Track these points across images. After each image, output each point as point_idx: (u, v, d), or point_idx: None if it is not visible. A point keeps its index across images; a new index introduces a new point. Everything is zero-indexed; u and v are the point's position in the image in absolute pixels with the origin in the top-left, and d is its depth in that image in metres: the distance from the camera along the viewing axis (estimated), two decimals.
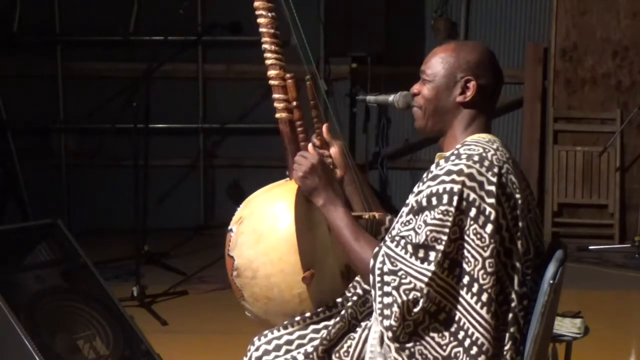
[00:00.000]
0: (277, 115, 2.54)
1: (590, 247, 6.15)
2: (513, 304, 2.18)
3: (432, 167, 2.25)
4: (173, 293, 5.08)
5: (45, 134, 6.94)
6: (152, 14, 6.50)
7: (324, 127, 2.59)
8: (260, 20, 2.54)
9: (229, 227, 2.50)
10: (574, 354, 2.79)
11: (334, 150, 2.58)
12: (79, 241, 3.51)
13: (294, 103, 2.53)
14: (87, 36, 6.77)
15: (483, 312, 2.14)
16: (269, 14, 2.52)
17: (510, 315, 2.18)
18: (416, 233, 2.17)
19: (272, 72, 2.54)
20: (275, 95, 2.54)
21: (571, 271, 2.71)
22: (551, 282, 2.16)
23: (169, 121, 6.76)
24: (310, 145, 2.51)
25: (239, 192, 6.82)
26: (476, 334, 2.14)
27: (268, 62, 2.55)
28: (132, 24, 6.63)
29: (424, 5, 6.80)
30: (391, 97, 2.53)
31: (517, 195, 2.18)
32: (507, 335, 2.18)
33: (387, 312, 2.17)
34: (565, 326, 2.84)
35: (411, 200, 2.25)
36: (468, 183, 2.14)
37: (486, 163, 2.16)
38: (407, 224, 2.22)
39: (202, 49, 6.81)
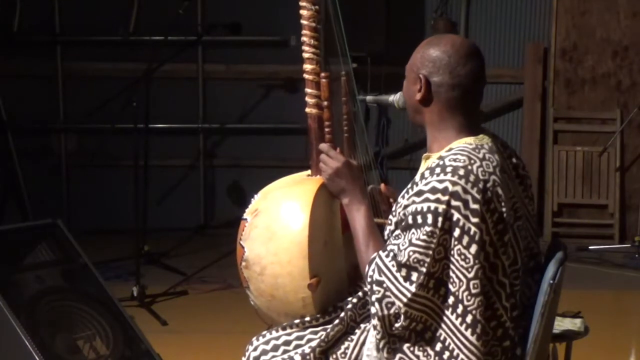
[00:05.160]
0: (307, 110, 2.53)
1: (590, 247, 6.15)
2: (502, 319, 2.15)
3: (417, 178, 2.19)
4: (173, 293, 5.09)
5: (45, 134, 6.94)
6: (152, 14, 6.49)
7: (382, 187, 2.55)
8: (303, 12, 2.48)
9: (244, 216, 2.48)
10: (574, 354, 2.79)
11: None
12: (79, 241, 3.52)
13: (325, 103, 2.51)
14: (87, 36, 6.77)
15: (467, 333, 2.10)
16: (313, 7, 2.47)
17: (501, 330, 2.15)
18: (400, 251, 2.14)
19: (307, 66, 2.51)
20: (308, 90, 2.52)
21: (571, 271, 2.71)
22: (551, 282, 2.16)
23: (169, 121, 6.76)
24: (338, 150, 2.49)
25: (239, 192, 6.83)
26: (461, 355, 2.11)
27: (305, 55, 2.50)
28: (132, 24, 6.63)
29: (424, 5, 6.80)
30: (391, 97, 2.52)
31: (503, 209, 2.13)
32: (500, 350, 2.16)
33: (374, 322, 2.18)
34: (565, 326, 2.84)
35: (398, 210, 2.21)
36: (453, 203, 2.09)
37: (471, 178, 2.10)
38: (396, 237, 2.20)
39: (202, 49, 6.81)
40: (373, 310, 2.16)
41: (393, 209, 2.26)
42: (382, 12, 6.25)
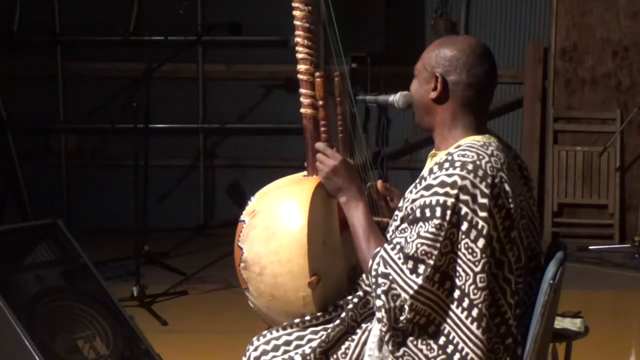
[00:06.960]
0: (302, 110, 2.52)
1: (590, 247, 6.14)
2: (506, 316, 2.15)
3: (425, 172, 2.21)
4: (173, 293, 5.09)
5: (45, 134, 6.94)
6: (152, 14, 6.50)
7: (379, 184, 2.55)
8: (296, 13, 2.49)
9: (241, 218, 2.48)
10: (574, 354, 2.79)
11: (393, 204, 2.53)
12: (79, 241, 3.52)
13: (320, 102, 2.51)
14: (87, 36, 6.78)
15: (473, 327, 2.11)
16: (306, 8, 2.48)
17: (504, 327, 2.16)
18: (407, 243, 2.14)
19: (302, 67, 2.51)
20: (302, 90, 2.52)
21: (571, 271, 2.71)
22: (551, 282, 2.16)
23: (169, 121, 6.76)
24: (334, 149, 2.49)
25: (239, 192, 6.83)
26: (466, 349, 2.12)
27: (299, 55, 2.50)
28: (132, 24, 6.63)
29: (424, 5, 6.80)
30: (391, 97, 2.52)
31: (510, 205, 2.14)
32: (502, 347, 2.16)
33: (379, 315, 2.18)
34: (565, 326, 2.83)
35: (405, 205, 2.23)
36: (461, 197, 2.10)
37: (480, 173, 2.12)
38: (402, 231, 2.20)
39: (202, 49, 6.81)
40: (379, 302, 2.16)
41: (400, 204, 2.27)
42: (382, 12, 6.25)
